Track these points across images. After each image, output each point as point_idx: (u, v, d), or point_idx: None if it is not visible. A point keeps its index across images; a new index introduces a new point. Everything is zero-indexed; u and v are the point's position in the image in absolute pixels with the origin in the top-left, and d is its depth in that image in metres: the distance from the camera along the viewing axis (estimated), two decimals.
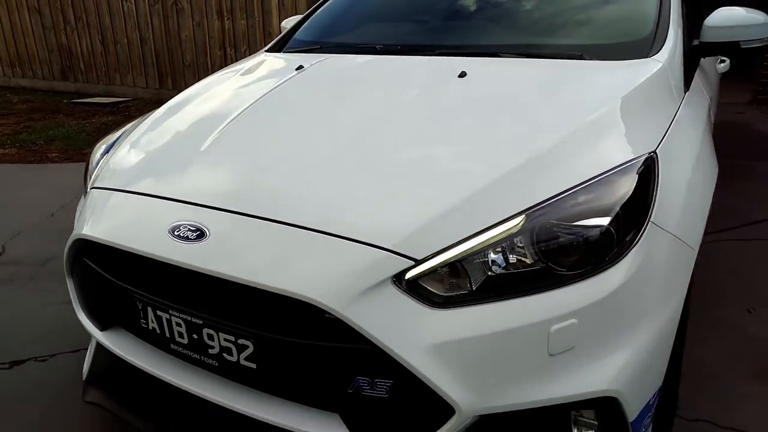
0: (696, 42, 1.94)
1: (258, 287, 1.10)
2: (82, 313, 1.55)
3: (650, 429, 1.35)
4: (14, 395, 1.81)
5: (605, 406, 1.16)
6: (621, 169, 1.24)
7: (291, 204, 1.20)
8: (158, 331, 1.33)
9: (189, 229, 1.22)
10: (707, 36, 1.92)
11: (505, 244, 1.13)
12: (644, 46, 1.74)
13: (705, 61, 2.15)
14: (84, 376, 1.65)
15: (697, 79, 1.91)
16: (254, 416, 1.21)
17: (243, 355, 1.20)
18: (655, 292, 1.21)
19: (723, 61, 2.63)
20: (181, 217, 1.25)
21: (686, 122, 1.54)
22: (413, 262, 1.08)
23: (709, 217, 3.12)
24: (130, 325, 1.42)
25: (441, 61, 1.77)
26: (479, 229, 1.12)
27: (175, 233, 1.22)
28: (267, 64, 2.08)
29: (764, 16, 1.94)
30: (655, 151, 1.32)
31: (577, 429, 1.23)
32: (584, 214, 1.15)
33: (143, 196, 1.35)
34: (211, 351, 1.25)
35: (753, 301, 2.40)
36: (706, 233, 3.00)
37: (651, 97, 1.53)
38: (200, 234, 1.20)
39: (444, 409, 1.08)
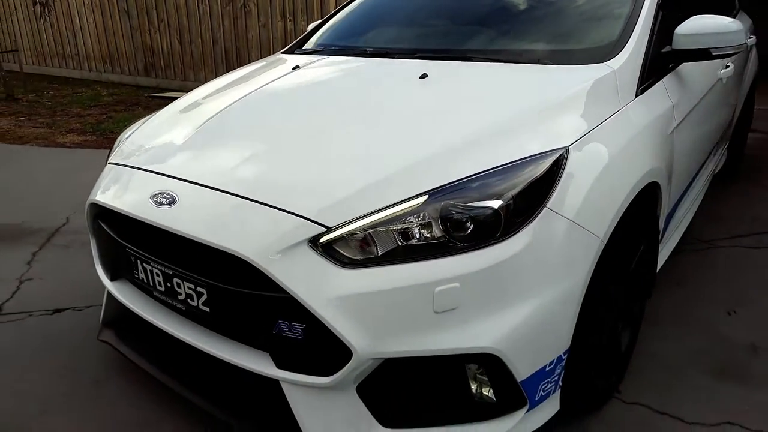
0: (668, 48, 2.03)
1: (206, 244, 1.38)
2: (99, 266, 1.90)
3: (554, 395, 1.51)
4: (50, 335, 2.20)
5: (490, 363, 1.34)
6: (524, 161, 1.41)
7: (239, 179, 1.48)
8: (145, 281, 1.64)
9: (165, 197, 1.51)
10: (678, 43, 2.01)
11: (415, 219, 1.34)
12: (602, 53, 1.87)
13: (690, 67, 2.20)
14: (101, 319, 2.01)
15: (663, 83, 2.00)
16: (207, 352, 1.49)
17: (201, 300, 1.49)
18: (546, 268, 1.37)
19: (727, 66, 2.64)
20: (161, 187, 1.55)
21: (621, 123, 1.67)
22: (325, 229, 1.32)
23: (724, 223, 3.10)
24: (130, 277, 1.74)
25: (411, 63, 1.98)
26: (385, 205, 1.33)
27: (154, 199, 1.52)
28: (275, 63, 2.37)
29: (736, 24, 2.00)
30: (567, 147, 1.47)
31: (476, 384, 1.41)
32: (480, 197, 1.34)
33: (137, 170, 1.67)
34: (179, 297, 1.54)
35: (738, 304, 2.42)
36: (716, 238, 2.99)
37: (586, 99, 1.67)
38: (172, 201, 1.50)
39: (346, 351, 1.30)
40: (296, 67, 2.18)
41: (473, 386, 1.42)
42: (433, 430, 1.42)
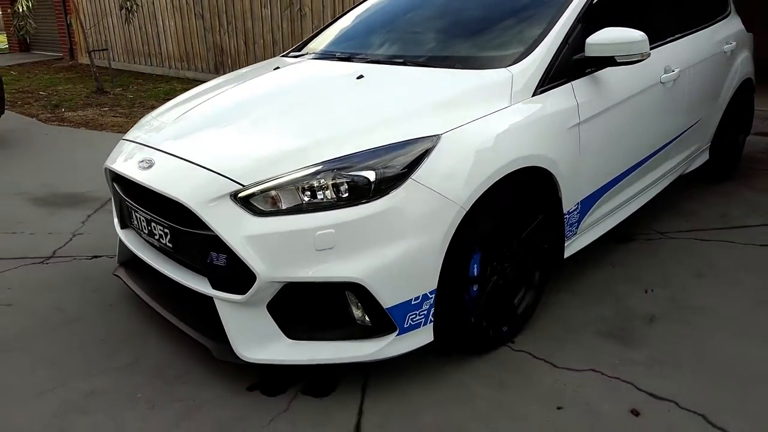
0: (580, 56, 2.37)
1: (166, 195, 1.92)
2: (115, 218, 2.51)
3: (425, 326, 1.93)
4: (86, 273, 2.86)
5: (359, 291, 1.79)
6: (400, 143, 1.85)
7: (194, 149, 2.02)
8: (137, 227, 2.22)
9: (147, 162, 2.08)
10: (589, 51, 2.34)
11: (316, 183, 1.81)
12: (509, 60, 2.25)
13: (614, 72, 2.51)
14: (116, 259, 2.63)
15: (572, 85, 2.34)
16: (172, 278, 2.04)
17: (167, 239, 2.04)
18: (408, 223, 1.80)
19: (672, 71, 2.89)
20: (146, 156, 2.12)
21: (504, 117, 2.05)
22: (242, 187, 1.82)
23: (691, 218, 3.29)
24: (131, 225, 2.33)
25: (358, 65, 2.45)
26: (288, 171, 1.82)
27: (140, 164, 2.09)
28: (266, 65, 2.91)
29: (640, 35, 2.30)
30: (440, 135, 1.89)
31: (359, 310, 1.87)
32: (360, 168, 1.80)
33: (134, 143, 2.26)
34: (155, 237, 2.10)
35: (659, 285, 2.69)
36: (673, 230, 3.24)
37: (476, 97, 2.08)
38: (151, 165, 2.06)
39: (253, 276, 1.80)
40: (277, 68, 2.70)
41: (356, 311, 1.88)
42: (324, 344, 1.90)
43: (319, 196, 1.80)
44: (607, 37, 2.31)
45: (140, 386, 2.04)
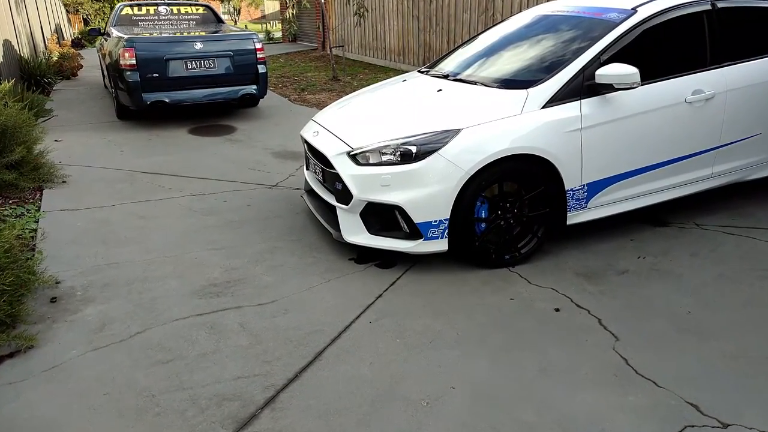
0: (591, 82, 3.45)
1: (321, 152, 3.66)
2: (304, 165, 4.39)
3: (441, 239, 3.35)
4: (290, 196, 4.83)
5: (400, 210, 3.30)
6: (436, 132, 3.29)
7: (337, 126, 3.73)
8: (312, 168, 4.04)
9: (315, 132, 3.86)
10: (597, 80, 3.42)
11: (389, 149, 3.37)
12: (528, 84, 3.46)
13: (630, 92, 3.50)
14: (303, 188, 4.52)
15: (580, 101, 3.43)
16: (322, 196, 3.80)
17: (321, 175, 3.80)
18: (432, 177, 3.24)
19: (700, 92, 3.65)
20: (317, 129, 3.90)
21: (512, 121, 3.31)
22: (351, 149, 3.46)
23: (742, 218, 4.14)
24: (310, 168, 4.17)
25: (442, 81, 3.90)
26: (377, 142, 3.39)
27: (313, 134, 3.88)
28: (402, 76, 4.49)
29: (633, 70, 3.29)
30: (460, 129, 3.27)
31: (401, 221, 3.38)
32: (410, 144, 3.29)
33: (314, 122, 4.07)
34: (317, 173, 3.89)
35: (652, 255, 3.59)
36: (711, 224, 4.18)
37: (496, 106, 3.38)
38: (317, 134, 3.83)
39: (351, 195, 3.43)
40: (404, 80, 4.27)
41: (401, 223, 3.39)
42: (385, 238, 3.46)
43: (387, 158, 3.34)
44: (609, 71, 3.36)
45: (298, 248, 3.84)
